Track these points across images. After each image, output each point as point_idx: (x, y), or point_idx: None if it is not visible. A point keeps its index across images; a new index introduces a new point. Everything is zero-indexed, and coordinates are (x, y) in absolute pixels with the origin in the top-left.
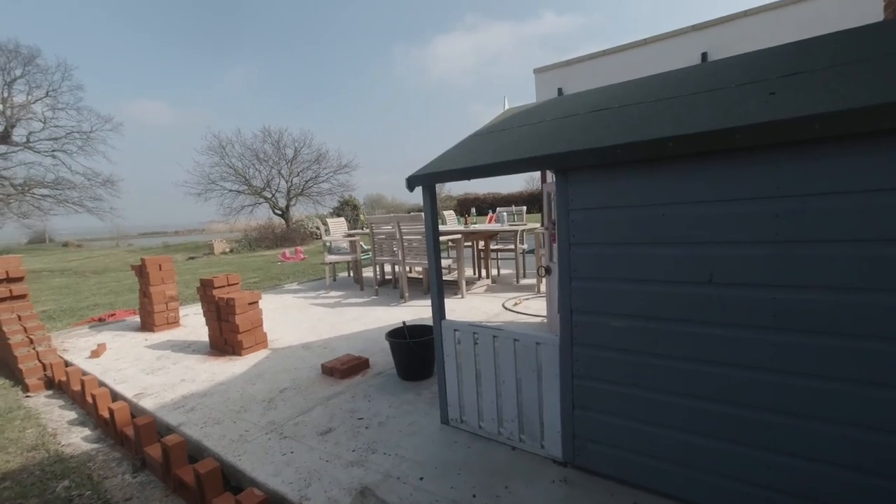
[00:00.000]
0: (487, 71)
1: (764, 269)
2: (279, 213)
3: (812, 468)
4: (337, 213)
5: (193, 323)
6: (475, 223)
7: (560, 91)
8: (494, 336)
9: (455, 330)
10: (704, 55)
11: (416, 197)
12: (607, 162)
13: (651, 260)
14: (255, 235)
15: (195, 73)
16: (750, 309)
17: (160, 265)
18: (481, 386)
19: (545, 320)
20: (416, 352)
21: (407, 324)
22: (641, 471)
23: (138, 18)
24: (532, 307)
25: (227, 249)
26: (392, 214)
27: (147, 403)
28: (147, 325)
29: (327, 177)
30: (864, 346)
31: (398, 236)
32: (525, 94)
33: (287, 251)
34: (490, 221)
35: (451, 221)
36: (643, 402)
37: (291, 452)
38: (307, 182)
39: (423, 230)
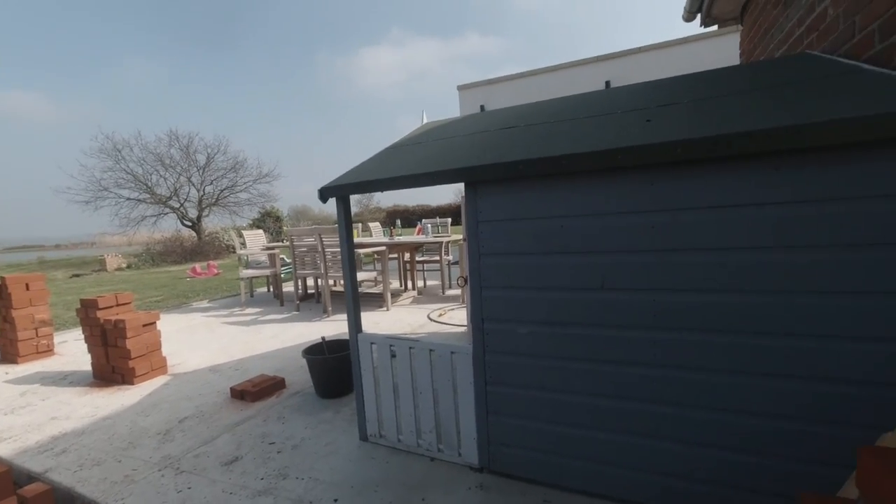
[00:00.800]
0: (415, 85)
1: (644, 274)
2: (189, 224)
3: (692, 451)
4: (257, 224)
5: (74, 350)
6: (401, 235)
7: (482, 107)
8: (411, 348)
9: (372, 343)
10: (608, 83)
11: None
12: (511, 176)
13: (552, 269)
14: (160, 249)
15: (84, 62)
16: (635, 311)
17: (27, 284)
18: (399, 399)
19: (467, 329)
20: (334, 367)
21: (327, 339)
22: (550, 469)
23: None
24: (456, 317)
25: (124, 265)
26: (314, 226)
27: (2, 449)
28: (9, 356)
29: (245, 186)
30: (725, 340)
31: (321, 249)
32: (451, 109)
33: (198, 266)
34: (418, 233)
35: (377, 233)
36: (549, 404)
37: (189, 488)
38: (222, 191)
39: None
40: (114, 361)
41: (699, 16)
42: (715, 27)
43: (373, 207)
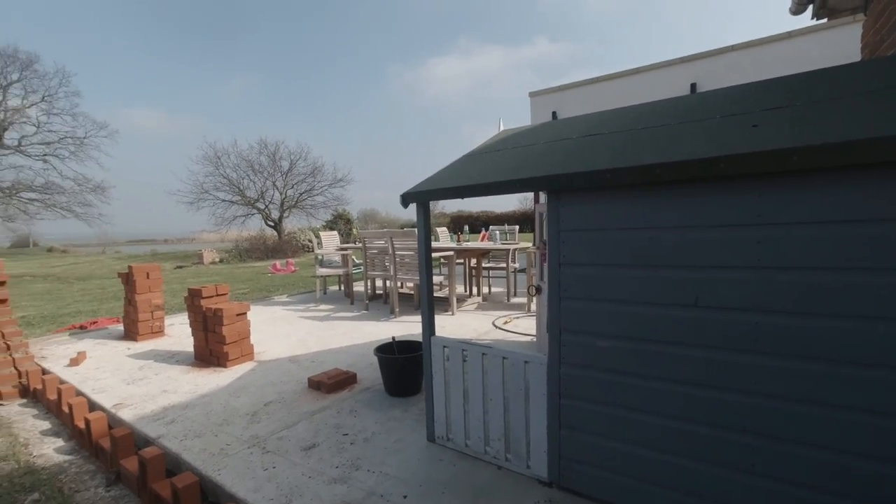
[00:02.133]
0: (481, 93)
1: (746, 293)
2: (271, 224)
3: (791, 491)
4: (330, 226)
5: (178, 333)
6: (468, 241)
7: (554, 114)
8: (483, 354)
9: (444, 347)
10: (693, 86)
11: (410, 213)
12: (597, 185)
13: (638, 282)
14: (247, 246)
15: (194, 81)
16: (733, 332)
17: (148, 273)
18: (469, 404)
19: (535, 339)
20: (404, 367)
21: (396, 339)
22: (625, 492)
23: (141, 27)
24: (522, 326)
25: (217, 259)
26: (385, 230)
27: (125, 414)
28: (130, 334)
29: (322, 190)
30: (841, 372)
31: (391, 251)
32: (518, 116)
33: (278, 263)
34: (483, 240)
35: (443, 238)
36: (628, 423)
37: (273, 467)
38: (301, 195)
39: (416, 246)
40: (211, 345)
41: (811, 7)
42: (825, 20)
43: (437, 213)
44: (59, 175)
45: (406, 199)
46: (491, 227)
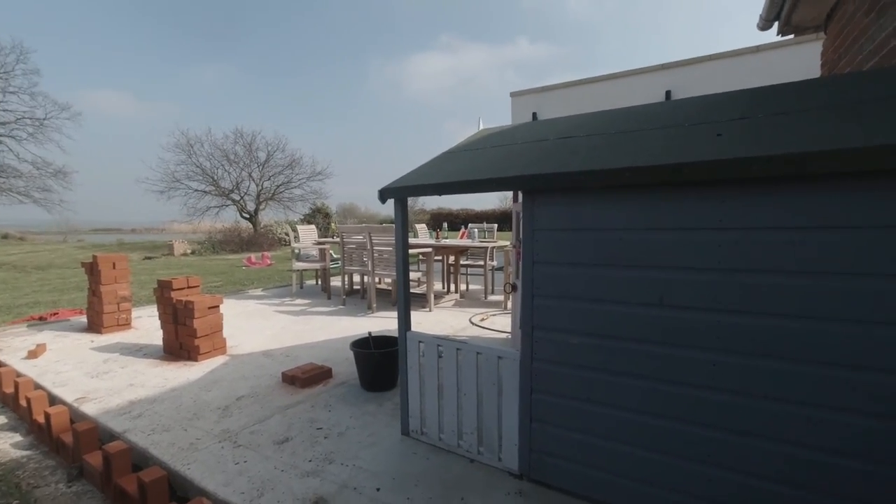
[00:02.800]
0: (463, 90)
1: (709, 293)
2: (247, 216)
3: (747, 482)
4: (308, 220)
5: (146, 326)
6: (447, 238)
7: (535, 115)
8: (458, 349)
9: (420, 342)
10: (668, 93)
11: (389, 209)
12: (571, 186)
13: (608, 281)
14: (220, 238)
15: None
16: (696, 330)
17: (114, 263)
18: (443, 398)
19: (509, 336)
20: (380, 362)
21: (373, 334)
22: (594, 484)
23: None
24: (498, 323)
25: (188, 251)
26: (364, 224)
27: (89, 409)
28: (95, 326)
29: (300, 182)
30: (798, 369)
31: (369, 247)
32: (499, 115)
33: (253, 256)
34: (462, 237)
35: (422, 235)
36: (597, 417)
37: (245, 461)
38: (279, 187)
39: (394, 242)
40: (182, 339)
41: (776, 24)
42: (791, 36)
43: (417, 209)
44: (15, 157)
45: (384, 195)
46: (470, 224)
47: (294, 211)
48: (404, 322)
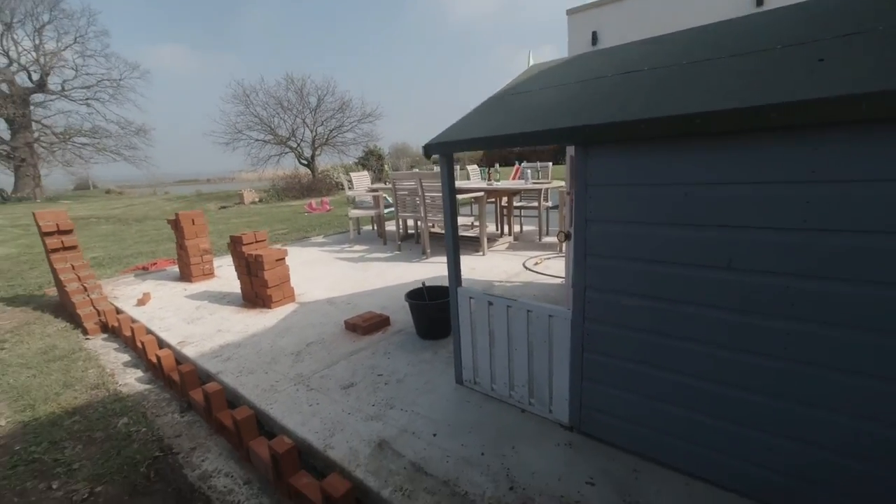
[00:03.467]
0: (513, 11)
1: (787, 257)
2: (305, 163)
3: (812, 452)
4: (362, 163)
5: (227, 275)
6: (499, 179)
7: (594, 35)
8: (509, 306)
9: (470, 297)
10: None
11: None
12: (628, 136)
13: (669, 241)
14: (283, 185)
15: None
16: (768, 297)
17: (193, 220)
18: (494, 351)
19: (564, 282)
20: (433, 313)
21: (426, 284)
22: (643, 441)
23: None
24: (553, 267)
25: (256, 199)
26: (415, 171)
27: (189, 351)
28: (185, 276)
29: (351, 126)
30: (880, 341)
31: (420, 193)
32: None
33: (313, 202)
34: (515, 175)
35: (474, 176)
36: (651, 379)
37: (317, 404)
38: (331, 132)
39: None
40: (256, 288)
41: None
42: None
43: None
44: (103, 119)
45: (428, 151)
46: (524, 163)
47: (348, 155)
48: (455, 278)
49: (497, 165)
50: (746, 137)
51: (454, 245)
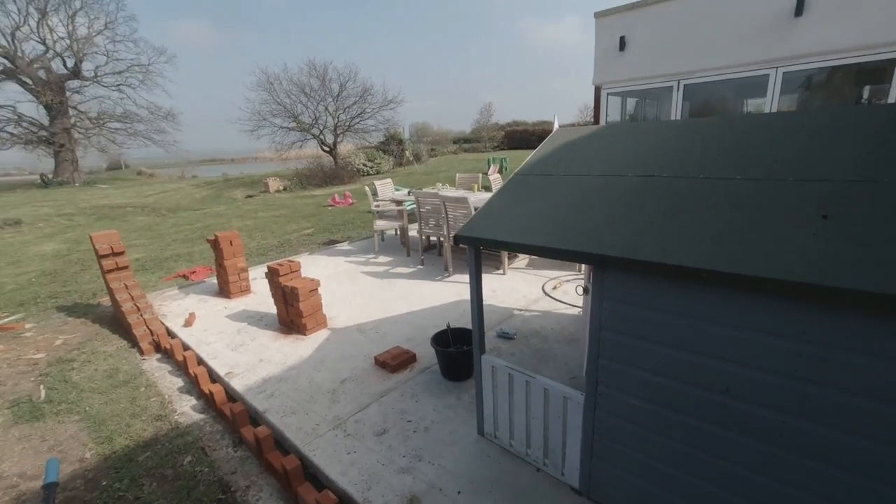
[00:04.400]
0: None
1: (778, 396)
2: (327, 149)
3: None
4: (382, 148)
5: (261, 290)
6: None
7: (622, 40)
8: (527, 381)
9: (493, 366)
10: (801, 3)
11: (462, 125)
12: (643, 272)
13: (674, 361)
14: (307, 173)
15: None
16: (761, 425)
17: (231, 241)
18: (514, 414)
19: (580, 312)
20: (458, 358)
21: (451, 326)
22: None
23: None
24: (571, 292)
25: (281, 187)
26: (436, 193)
27: (236, 384)
28: (224, 292)
29: (373, 113)
30: (863, 484)
31: (444, 213)
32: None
33: (336, 195)
34: None
35: (495, 185)
36: (654, 471)
37: (354, 452)
38: (353, 118)
39: (466, 212)
40: (292, 316)
41: None
42: None
43: (490, 125)
44: (134, 104)
45: (458, 241)
46: None
47: (369, 142)
48: (479, 347)
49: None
50: (751, 294)
51: (479, 322)
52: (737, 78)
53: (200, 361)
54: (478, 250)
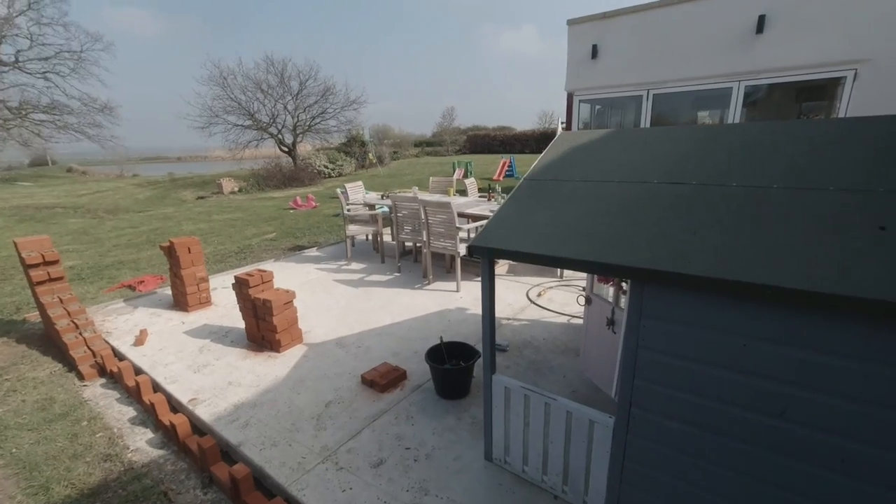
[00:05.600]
0: None
1: (842, 420)
2: (285, 150)
3: None
4: (344, 150)
5: (223, 301)
6: (499, 194)
7: (595, 48)
8: (547, 403)
9: (506, 387)
10: (762, 18)
11: (424, 128)
12: (690, 287)
13: (722, 381)
14: (264, 174)
15: None
16: (820, 450)
17: (189, 248)
18: (529, 437)
19: (569, 320)
20: (454, 375)
21: (443, 340)
22: None
23: None
24: (556, 300)
25: (236, 189)
26: (414, 197)
27: (203, 413)
28: (181, 305)
29: (335, 113)
30: None
31: (423, 217)
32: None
33: (298, 198)
34: (501, 171)
35: (471, 191)
36: (689, 496)
37: (350, 489)
38: (314, 118)
39: (447, 217)
40: (263, 332)
41: None
42: None
43: (453, 128)
44: (63, 94)
45: (473, 252)
46: (511, 157)
47: (329, 143)
48: (490, 366)
49: (499, 188)
50: (815, 313)
51: (491, 344)
52: (704, 89)
53: (157, 387)
54: (492, 262)
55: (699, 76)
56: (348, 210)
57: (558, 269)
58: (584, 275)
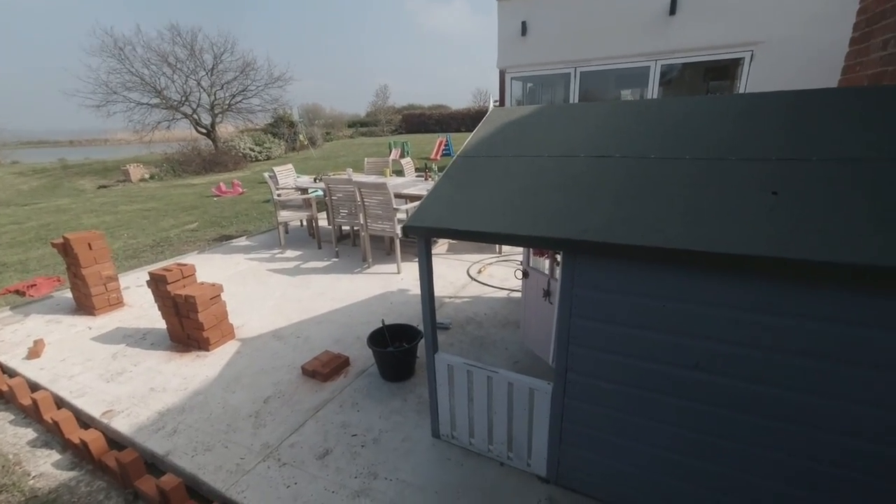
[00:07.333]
0: None
1: (747, 366)
2: (203, 131)
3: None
4: (271, 130)
5: (139, 301)
6: (435, 174)
7: (524, 25)
8: (489, 377)
9: (449, 364)
10: (674, 0)
11: (357, 108)
12: (615, 255)
13: (646, 341)
14: (179, 159)
15: None
16: (731, 395)
17: (89, 244)
18: (473, 412)
19: (509, 294)
20: (398, 358)
21: (385, 323)
22: (617, 494)
23: None
24: (496, 275)
25: (147, 175)
26: (349, 178)
27: (120, 424)
28: (86, 308)
29: (257, 91)
30: (821, 437)
31: (359, 200)
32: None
33: (222, 184)
34: (439, 147)
35: (408, 171)
36: (625, 450)
37: (295, 484)
38: (234, 97)
39: (384, 198)
40: (188, 330)
41: None
42: None
43: (387, 108)
44: None
45: (408, 233)
46: (447, 136)
47: (254, 123)
48: (432, 345)
49: (435, 167)
50: (721, 271)
51: (431, 321)
52: (625, 68)
53: (61, 403)
54: (429, 242)
55: (620, 55)
56: (278, 195)
57: (497, 245)
58: (522, 249)
